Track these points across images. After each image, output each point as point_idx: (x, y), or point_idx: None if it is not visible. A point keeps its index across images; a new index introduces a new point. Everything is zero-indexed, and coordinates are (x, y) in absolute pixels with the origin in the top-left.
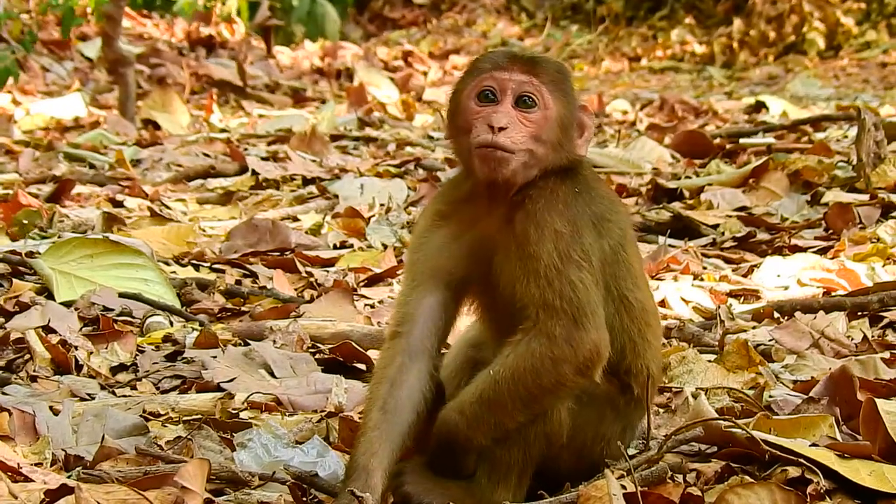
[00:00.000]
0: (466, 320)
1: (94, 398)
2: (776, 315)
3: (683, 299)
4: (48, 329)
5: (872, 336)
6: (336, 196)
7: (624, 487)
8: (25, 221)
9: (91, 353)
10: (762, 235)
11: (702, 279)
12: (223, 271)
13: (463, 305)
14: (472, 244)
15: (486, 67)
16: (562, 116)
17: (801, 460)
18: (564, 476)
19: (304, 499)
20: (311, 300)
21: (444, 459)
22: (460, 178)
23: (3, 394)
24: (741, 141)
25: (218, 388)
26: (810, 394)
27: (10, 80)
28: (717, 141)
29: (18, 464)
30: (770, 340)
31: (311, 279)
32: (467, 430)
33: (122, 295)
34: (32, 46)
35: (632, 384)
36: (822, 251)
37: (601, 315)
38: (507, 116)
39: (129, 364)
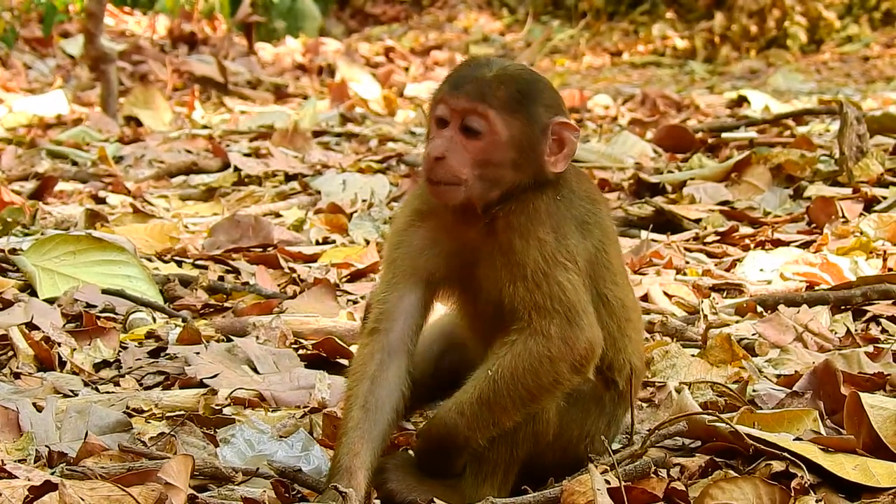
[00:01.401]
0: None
1: (77, 395)
2: (759, 309)
3: (666, 294)
4: (31, 326)
5: (856, 330)
6: (318, 192)
7: (608, 482)
8: (9, 219)
9: (74, 349)
10: (745, 230)
11: (684, 273)
12: (206, 267)
13: (441, 301)
14: (452, 250)
15: (443, 90)
16: (516, 139)
17: (786, 454)
18: (548, 471)
19: (287, 494)
20: (294, 296)
21: (434, 459)
22: None
23: None
24: (723, 135)
25: (201, 384)
26: (794, 388)
27: None
28: (699, 135)
29: (2, 460)
30: (753, 334)
31: (294, 275)
32: (467, 431)
33: (105, 291)
34: (14, 42)
35: (616, 379)
36: (805, 245)
37: (592, 313)
38: (446, 144)
39: (112, 360)
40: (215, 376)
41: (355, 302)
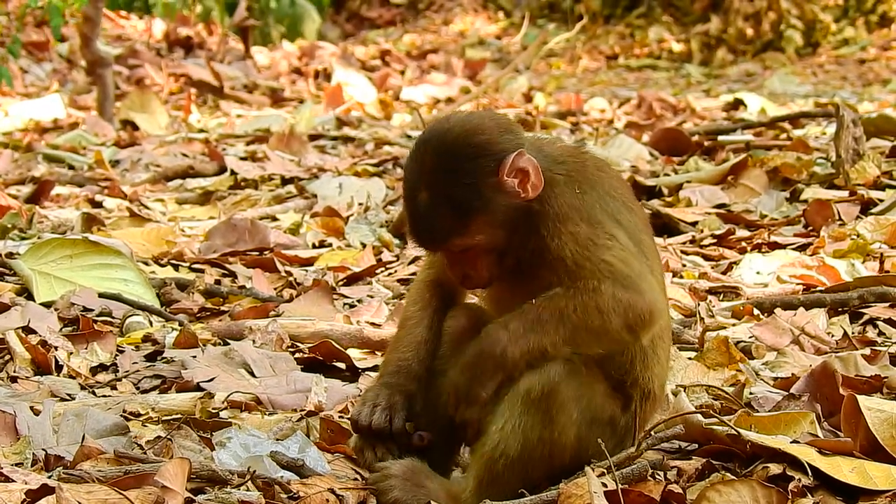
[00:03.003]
0: None
1: (74, 398)
2: (756, 312)
3: None
4: (28, 329)
5: (853, 332)
6: (314, 195)
7: (605, 485)
8: (9, 225)
9: (71, 353)
10: (741, 232)
11: (681, 276)
12: (202, 271)
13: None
14: None
15: (409, 235)
16: (494, 221)
17: (783, 457)
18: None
19: (284, 496)
20: (291, 299)
21: (470, 376)
22: None
23: None
24: (720, 138)
25: (198, 388)
26: (791, 390)
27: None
28: (696, 138)
29: None
30: (750, 337)
31: (290, 278)
32: (507, 343)
33: (101, 295)
34: (19, 52)
35: (634, 397)
36: (802, 248)
37: (651, 281)
38: (454, 268)
39: (108, 364)
40: (212, 380)
41: (352, 305)
